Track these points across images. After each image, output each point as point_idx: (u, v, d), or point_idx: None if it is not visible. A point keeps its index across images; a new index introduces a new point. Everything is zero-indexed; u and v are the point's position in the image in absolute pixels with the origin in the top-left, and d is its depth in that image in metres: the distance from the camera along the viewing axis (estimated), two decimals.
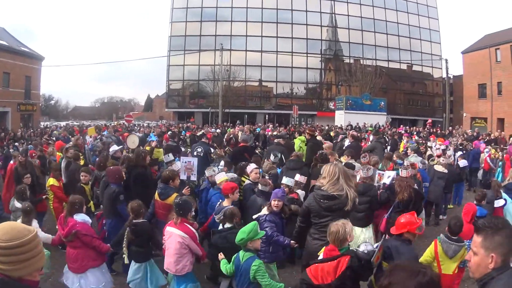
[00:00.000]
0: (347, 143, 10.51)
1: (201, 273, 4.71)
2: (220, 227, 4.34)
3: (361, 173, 5.40)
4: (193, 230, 4.03)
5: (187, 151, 9.57)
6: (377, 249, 2.94)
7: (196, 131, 16.71)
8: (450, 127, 24.60)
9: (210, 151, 8.48)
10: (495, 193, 6.10)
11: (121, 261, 5.04)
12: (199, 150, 8.14)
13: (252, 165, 5.86)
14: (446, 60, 32.02)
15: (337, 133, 15.82)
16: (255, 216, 4.32)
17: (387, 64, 40.69)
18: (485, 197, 5.72)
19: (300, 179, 5.51)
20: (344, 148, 9.75)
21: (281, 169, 6.81)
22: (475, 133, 18.06)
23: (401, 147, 12.05)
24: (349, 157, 7.19)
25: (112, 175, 5.25)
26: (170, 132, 13.25)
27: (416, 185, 5.69)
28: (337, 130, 18.85)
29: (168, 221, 4.25)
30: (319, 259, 3.11)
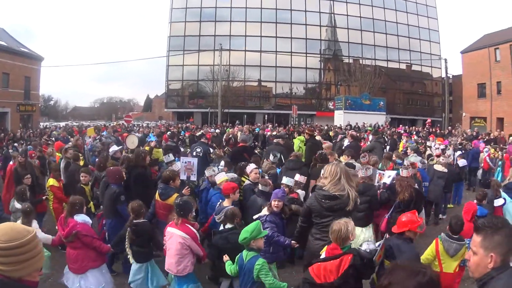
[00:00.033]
0: (346, 143, 10.52)
1: (202, 273, 4.70)
2: (220, 227, 4.34)
3: (360, 172, 5.40)
4: (194, 230, 4.03)
5: (187, 151, 9.56)
6: (379, 248, 2.94)
7: (195, 131, 16.68)
8: (449, 127, 24.61)
9: (209, 151, 8.48)
10: (494, 193, 6.11)
11: (121, 262, 5.06)
12: (198, 150, 8.13)
13: (251, 165, 5.86)
14: (445, 59, 32.17)
15: (337, 133, 15.84)
16: (255, 216, 4.32)
17: (386, 64, 40.69)
18: (486, 197, 5.74)
19: (300, 179, 5.51)
20: (343, 148, 9.76)
21: (280, 169, 6.81)
22: (475, 133, 18.05)
23: (400, 147, 12.06)
24: (348, 157, 7.18)
25: (112, 176, 5.25)
26: (169, 132, 13.23)
27: (416, 185, 5.71)
28: (336, 130, 18.86)
29: (168, 222, 4.25)
30: (321, 258, 3.11)
